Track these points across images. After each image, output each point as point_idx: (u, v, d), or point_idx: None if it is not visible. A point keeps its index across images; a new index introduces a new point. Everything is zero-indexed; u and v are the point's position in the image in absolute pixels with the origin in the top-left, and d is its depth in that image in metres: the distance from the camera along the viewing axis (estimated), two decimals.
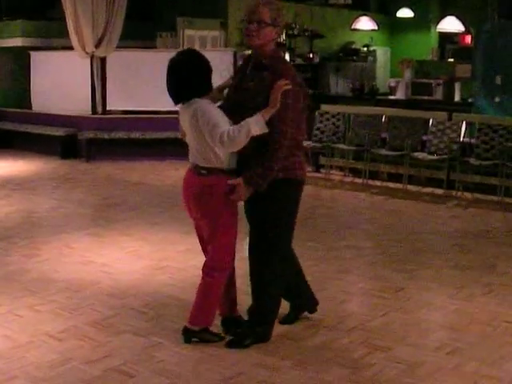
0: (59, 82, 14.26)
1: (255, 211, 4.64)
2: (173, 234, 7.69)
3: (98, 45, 13.13)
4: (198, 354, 4.60)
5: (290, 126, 4.43)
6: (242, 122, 4.31)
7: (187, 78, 4.46)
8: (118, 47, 13.43)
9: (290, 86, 4.35)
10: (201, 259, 6.66)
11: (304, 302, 5.19)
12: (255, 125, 4.30)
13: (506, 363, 4.54)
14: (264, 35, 4.46)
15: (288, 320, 5.10)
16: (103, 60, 13.42)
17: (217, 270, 4.62)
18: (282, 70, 4.49)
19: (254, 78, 4.52)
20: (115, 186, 10.68)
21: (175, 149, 12.45)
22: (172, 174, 11.53)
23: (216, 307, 4.78)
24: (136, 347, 4.70)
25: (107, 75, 13.49)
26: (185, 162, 4.81)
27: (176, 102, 4.57)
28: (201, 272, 4.72)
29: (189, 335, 4.74)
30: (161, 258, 6.81)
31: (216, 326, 4.83)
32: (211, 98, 4.60)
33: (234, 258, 4.73)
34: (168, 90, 4.55)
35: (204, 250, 4.83)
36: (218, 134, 4.31)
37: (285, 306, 5.04)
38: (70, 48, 13.33)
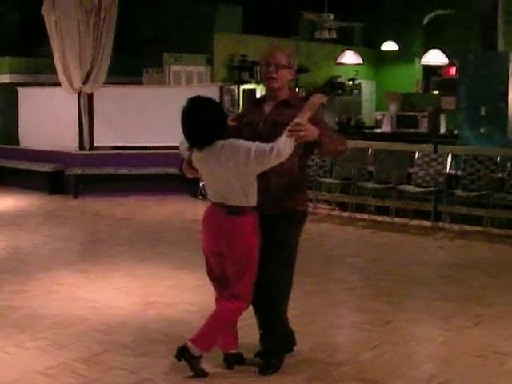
0: (46, 118, 14.24)
1: (272, 243, 4.71)
2: (160, 270, 7.68)
3: (85, 81, 13.17)
4: None
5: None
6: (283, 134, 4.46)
7: (211, 123, 4.60)
8: (105, 83, 13.49)
9: (325, 99, 4.70)
10: (188, 295, 6.70)
11: (289, 343, 5.18)
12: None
13: None
14: (282, 77, 4.74)
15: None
16: (90, 96, 13.45)
17: (240, 298, 4.70)
18: None
19: (280, 114, 4.68)
20: (103, 221, 10.66)
21: (163, 184, 12.57)
22: (160, 209, 11.51)
23: (219, 337, 4.79)
24: (125, 383, 4.68)
25: (94, 111, 13.53)
26: (172, 197, 4.84)
27: (200, 147, 4.65)
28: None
29: (184, 354, 4.68)
30: (149, 293, 6.79)
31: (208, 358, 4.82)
32: None
33: (252, 292, 4.79)
34: (190, 137, 4.67)
35: (217, 286, 4.88)
36: (265, 150, 4.43)
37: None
38: (58, 84, 13.34)
